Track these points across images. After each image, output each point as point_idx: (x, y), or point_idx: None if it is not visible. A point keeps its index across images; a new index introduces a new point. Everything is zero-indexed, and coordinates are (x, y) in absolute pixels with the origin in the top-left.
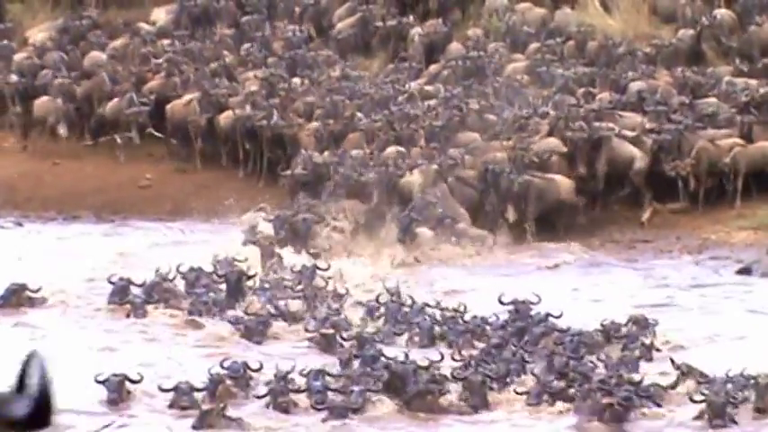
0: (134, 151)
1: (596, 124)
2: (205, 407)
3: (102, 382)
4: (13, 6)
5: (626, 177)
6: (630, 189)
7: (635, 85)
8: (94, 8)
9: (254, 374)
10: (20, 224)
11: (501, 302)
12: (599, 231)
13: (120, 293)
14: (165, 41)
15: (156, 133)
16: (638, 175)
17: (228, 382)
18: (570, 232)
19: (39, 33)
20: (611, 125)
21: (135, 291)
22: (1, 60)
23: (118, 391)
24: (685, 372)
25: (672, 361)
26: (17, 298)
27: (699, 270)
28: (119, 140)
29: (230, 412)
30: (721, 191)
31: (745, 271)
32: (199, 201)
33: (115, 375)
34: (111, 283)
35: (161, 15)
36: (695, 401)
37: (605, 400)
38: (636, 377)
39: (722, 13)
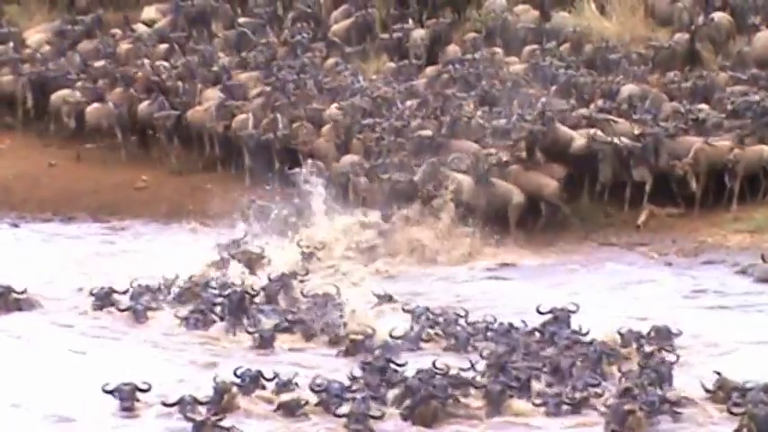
0: (130, 153)
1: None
2: (200, 417)
3: (111, 392)
4: (10, 8)
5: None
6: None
7: (626, 90)
8: (90, 9)
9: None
10: (16, 225)
11: (539, 312)
12: (595, 234)
13: (103, 301)
14: (162, 45)
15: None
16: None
17: (235, 390)
18: (566, 235)
19: (35, 35)
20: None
21: (136, 296)
22: (8, 65)
23: (130, 400)
24: (720, 382)
25: (718, 373)
26: (3, 301)
27: (696, 274)
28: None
29: (233, 421)
30: (717, 194)
31: (741, 274)
32: (195, 203)
33: (125, 384)
34: (92, 294)
35: (151, 14)
36: (734, 414)
37: (627, 407)
38: (661, 386)
39: (719, 15)
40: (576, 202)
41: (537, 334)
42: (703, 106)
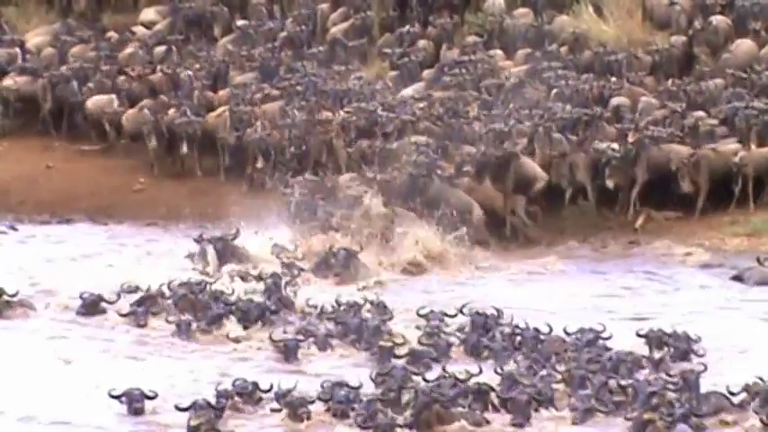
0: (128, 155)
1: (506, 144)
2: (193, 422)
3: (118, 398)
4: (7, 10)
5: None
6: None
7: (615, 101)
8: (88, 12)
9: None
10: (14, 228)
11: (566, 333)
12: (593, 238)
13: (90, 308)
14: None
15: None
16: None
17: (237, 399)
18: (565, 239)
19: (34, 38)
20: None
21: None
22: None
23: (138, 405)
24: (748, 389)
25: (762, 379)
26: None
27: (695, 277)
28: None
29: (237, 427)
30: (716, 198)
31: (738, 278)
32: (193, 206)
33: (134, 390)
34: (81, 298)
35: (150, 15)
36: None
37: (646, 416)
38: (689, 395)
39: (718, 19)
40: (574, 206)
41: (563, 342)
42: (700, 113)
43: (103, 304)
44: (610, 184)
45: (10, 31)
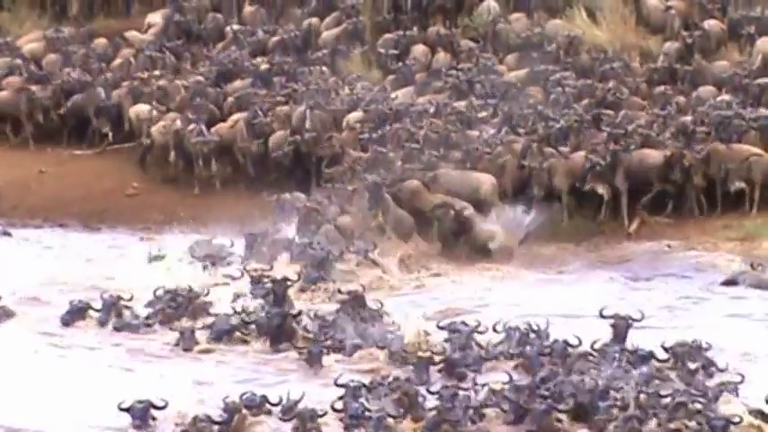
0: (123, 159)
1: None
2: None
3: (127, 410)
4: (1, 15)
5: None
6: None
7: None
8: (81, 16)
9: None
10: (7, 233)
11: (602, 315)
12: (585, 242)
13: (76, 315)
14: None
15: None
16: (487, 200)
17: (245, 411)
18: (558, 244)
19: (28, 44)
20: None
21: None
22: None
23: (143, 419)
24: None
25: None
26: None
27: (689, 282)
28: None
29: None
30: (710, 202)
31: (732, 283)
32: (186, 211)
33: (140, 402)
34: (69, 305)
35: (157, 19)
36: None
37: (672, 425)
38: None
39: (711, 23)
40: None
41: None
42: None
43: (92, 312)
44: (587, 188)
45: (2, 37)
